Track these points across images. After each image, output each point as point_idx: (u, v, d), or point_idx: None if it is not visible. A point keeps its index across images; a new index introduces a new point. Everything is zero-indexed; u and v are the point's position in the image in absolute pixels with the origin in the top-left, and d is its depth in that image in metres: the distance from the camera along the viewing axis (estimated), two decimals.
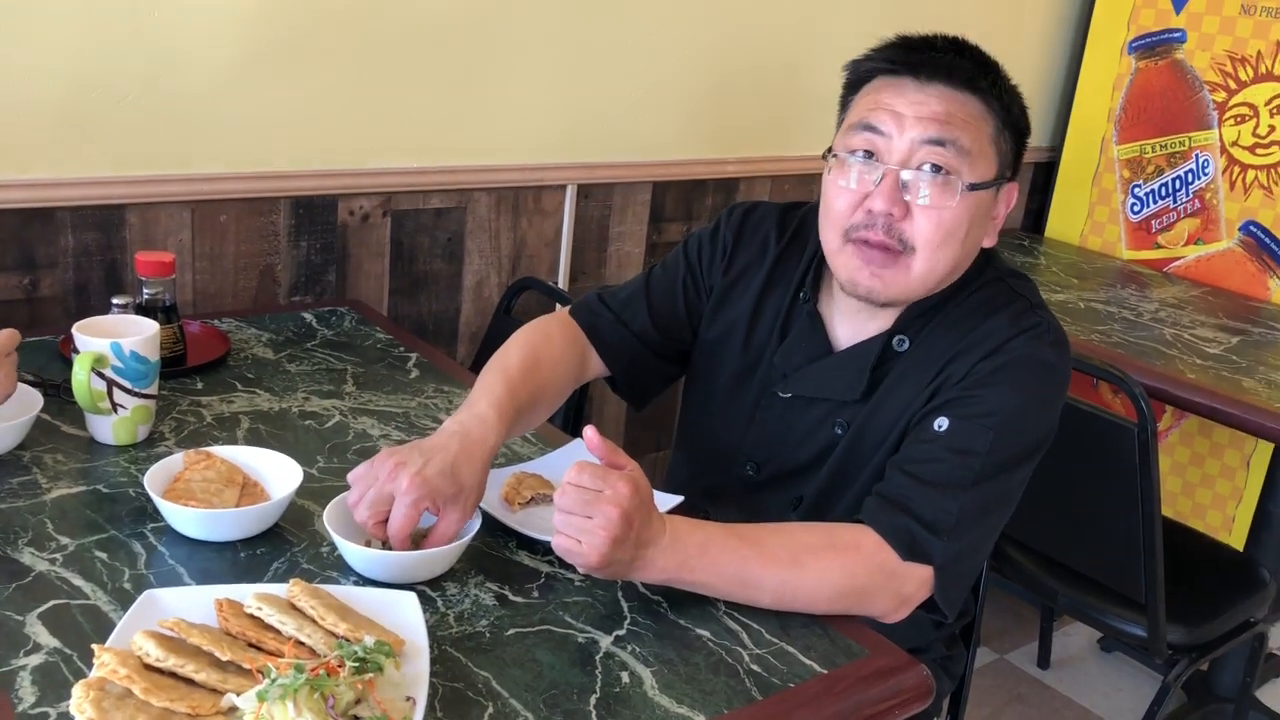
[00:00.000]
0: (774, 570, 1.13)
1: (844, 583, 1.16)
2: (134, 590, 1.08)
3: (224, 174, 1.85)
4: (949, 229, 1.24)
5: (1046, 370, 1.27)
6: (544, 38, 2.12)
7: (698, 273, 1.48)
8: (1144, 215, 2.93)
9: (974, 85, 1.24)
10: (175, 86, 1.77)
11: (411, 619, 1.05)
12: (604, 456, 1.10)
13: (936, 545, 1.19)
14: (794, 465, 1.39)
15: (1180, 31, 2.79)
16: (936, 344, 1.30)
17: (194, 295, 1.88)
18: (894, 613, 1.20)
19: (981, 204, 1.26)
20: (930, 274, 1.27)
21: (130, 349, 1.33)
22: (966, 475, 1.21)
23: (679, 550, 1.11)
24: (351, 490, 1.16)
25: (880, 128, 1.25)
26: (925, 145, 1.23)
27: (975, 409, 1.23)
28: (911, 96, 1.24)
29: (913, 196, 1.24)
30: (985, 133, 1.25)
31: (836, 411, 1.35)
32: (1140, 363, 2.15)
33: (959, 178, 1.23)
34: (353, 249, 2.03)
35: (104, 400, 1.33)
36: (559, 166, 2.22)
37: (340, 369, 1.67)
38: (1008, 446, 1.23)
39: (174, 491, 1.21)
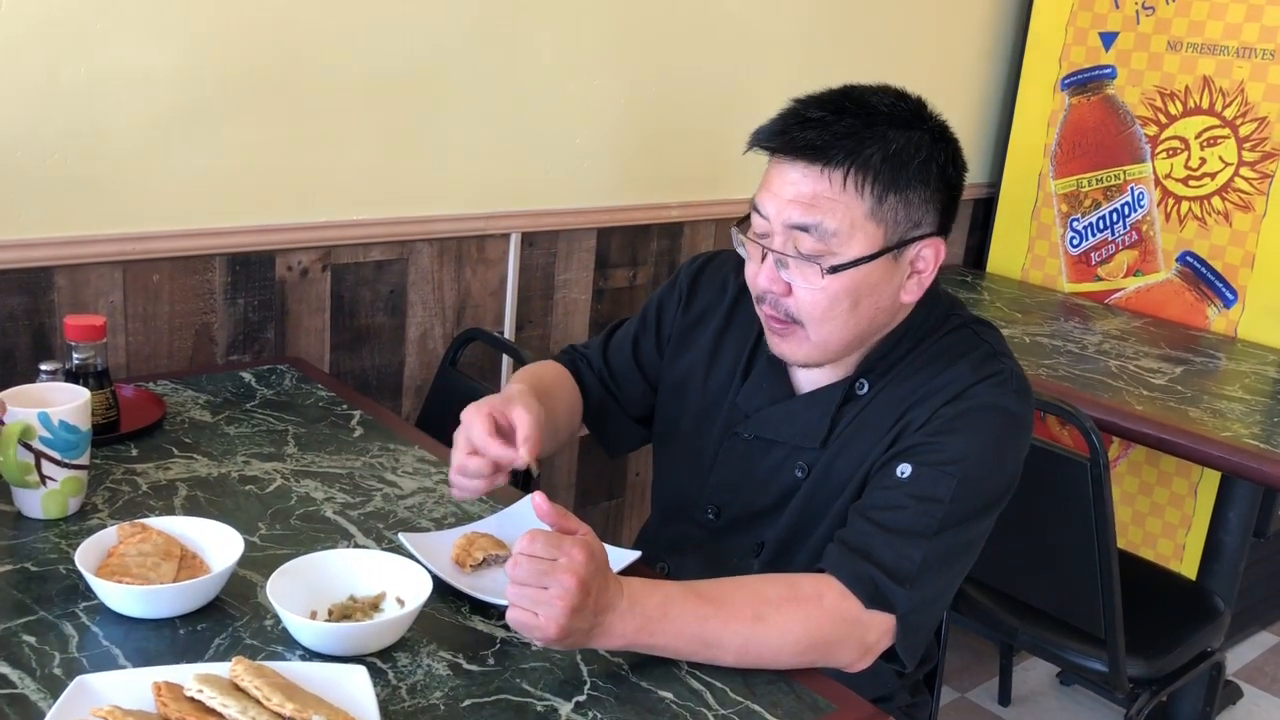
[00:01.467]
0: (735, 627, 1.11)
1: (807, 635, 1.13)
2: (65, 676, 1.02)
3: (155, 232, 1.80)
4: (825, 306, 1.23)
5: (1009, 418, 1.25)
6: (483, 86, 2.10)
7: (653, 326, 1.49)
8: (1083, 248, 2.96)
9: (840, 164, 1.19)
10: (103, 144, 1.72)
11: (361, 694, 1.00)
12: (554, 522, 1.07)
13: (899, 594, 1.17)
14: (755, 509, 1.37)
15: (1110, 68, 2.85)
16: (898, 390, 1.29)
17: (127, 358, 1.82)
18: (858, 662, 1.18)
19: (866, 275, 1.22)
20: (829, 343, 1.27)
21: (59, 418, 1.28)
22: (930, 523, 1.19)
23: (638, 613, 1.07)
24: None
25: (761, 210, 1.25)
26: (791, 230, 1.22)
27: (939, 455, 1.22)
28: (785, 176, 1.22)
29: (789, 275, 1.24)
30: (857, 211, 1.20)
31: (797, 455, 1.33)
32: (1088, 395, 2.16)
33: (822, 260, 1.21)
34: (292, 305, 1.98)
35: (32, 473, 1.27)
36: (502, 215, 2.19)
37: (281, 430, 1.62)
38: (971, 495, 1.21)
39: (107, 567, 1.15)
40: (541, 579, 1.02)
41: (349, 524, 1.36)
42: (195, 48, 1.77)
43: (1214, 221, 2.71)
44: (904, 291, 1.27)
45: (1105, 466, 1.77)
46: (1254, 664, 2.87)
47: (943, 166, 1.23)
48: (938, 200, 1.24)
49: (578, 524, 1.08)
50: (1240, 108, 2.63)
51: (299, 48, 1.87)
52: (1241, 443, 1.95)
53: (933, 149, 1.22)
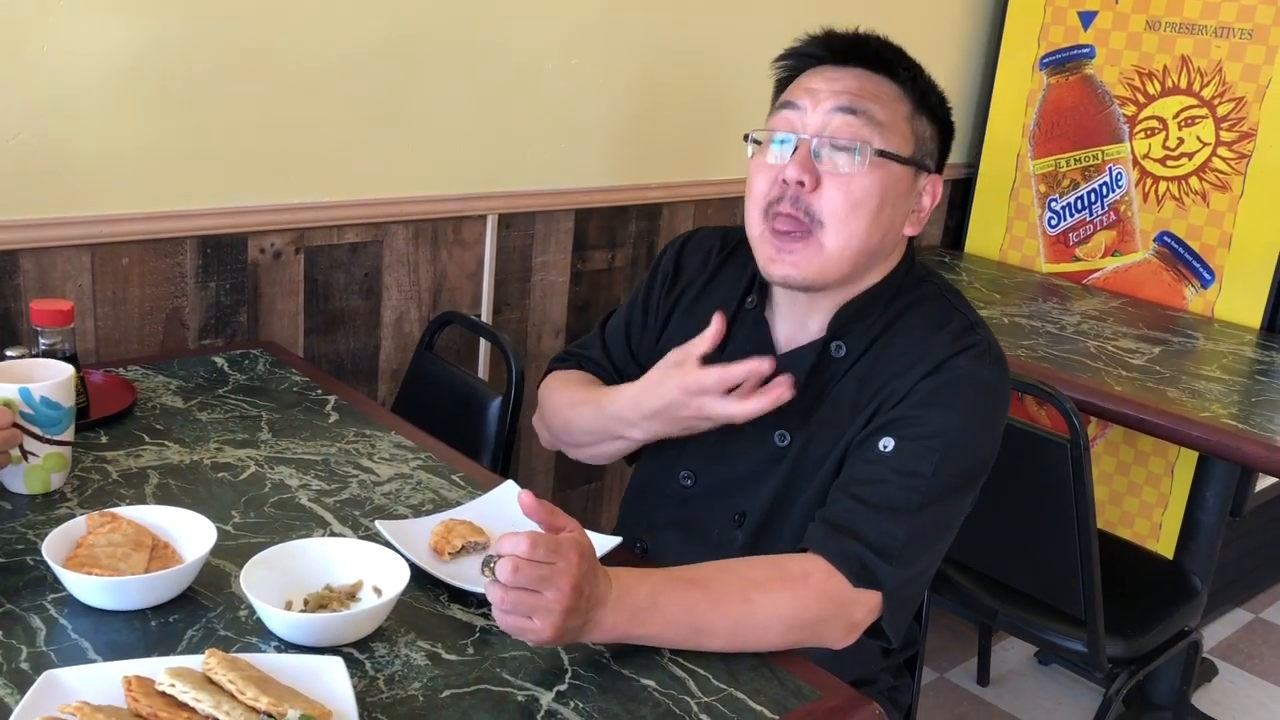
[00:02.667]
0: (724, 610, 1.10)
1: (794, 616, 1.13)
2: (32, 671, 1.00)
3: (124, 214, 1.76)
4: (857, 199, 1.23)
5: (988, 390, 1.26)
6: (460, 65, 2.07)
7: (640, 311, 1.50)
8: (1061, 228, 2.96)
9: (891, 70, 1.27)
10: (68, 125, 1.68)
11: (338, 686, 0.98)
12: (543, 520, 1.04)
13: (885, 571, 1.17)
14: (733, 476, 1.36)
15: (1089, 47, 2.84)
16: (879, 363, 1.29)
17: (96, 343, 1.78)
18: (843, 639, 1.18)
19: (896, 180, 1.25)
20: (844, 249, 1.25)
21: (40, 394, 1.27)
22: (913, 498, 1.19)
23: (627, 605, 1.06)
24: None
25: (797, 103, 1.27)
26: (837, 114, 1.24)
27: (920, 429, 1.22)
28: (828, 75, 1.27)
29: (824, 167, 1.24)
30: (900, 111, 1.26)
31: (777, 421, 1.32)
32: (1067, 376, 2.16)
33: (868, 144, 1.23)
34: (264, 288, 1.95)
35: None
36: (479, 196, 2.16)
37: (254, 415, 1.59)
38: (953, 468, 1.22)
39: (76, 558, 1.13)
40: (541, 584, 0.99)
41: (324, 511, 1.34)
42: (164, 25, 1.73)
43: (1191, 202, 2.71)
44: (908, 223, 1.30)
45: (1085, 447, 1.77)
46: (1228, 641, 2.89)
47: (948, 112, 1.32)
48: (939, 140, 1.31)
49: (566, 520, 1.05)
50: (1218, 87, 2.63)
51: (272, 24, 1.83)
52: (1220, 423, 1.96)
53: (941, 95, 1.31)
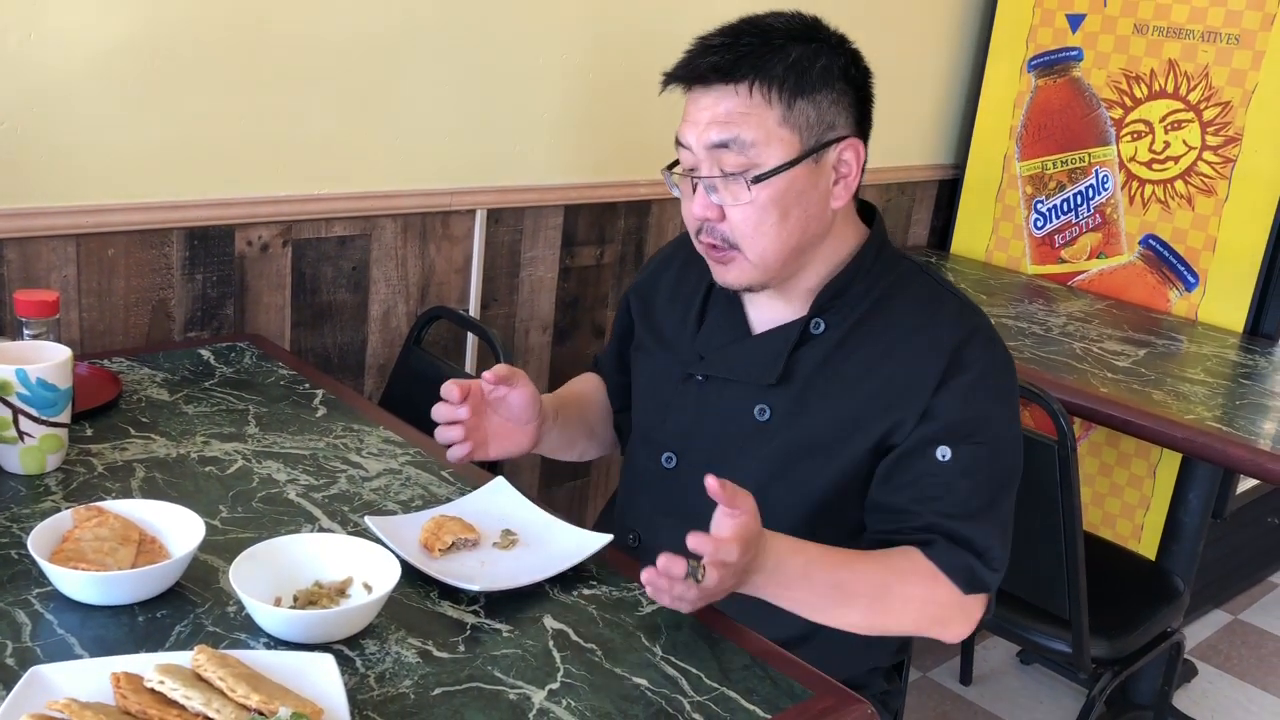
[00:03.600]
0: (865, 591, 1.23)
1: (927, 610, 1.26)
2: (18, 667, 0.99)
3: (111, 204, 1.74)
4: (756, 220, 1.26)
5: (1008, 371, 1.33)
6: (449, 58, 2.06)
7: (624, 317, 1.58)
8: (1047, 230, 2.97)
9: (744, 77, 1.24)
10: (54, 114, 1.66)
11: (329, 684, 0.98)
12: (727, 502, 1.09)
13: (991, 577, 1.27)
14: (715, 455, 1.37)
15: (1077, 50, 2.85)
16: (869, 339, 1.31)
17: (81, 334, 1.77)
18: (964, 635, 1.30)
19: (790, 183, 1.26)
20: (765, 259, 1.28)
21: (37, 375, 1.28)
22: (985, 498, 1.27)
23: (781, 574, 1.17)
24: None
25: (684, 141, 1.30)
26: (712, 151, 1.26)
27: (968, 430, 1.27)
28: (700, 104, 1.27)
29: (719, 198, 1.28)
30: (770, 119, 1.24)
31: (755, 395, 1.35)
32: (1053, 377, 2.16)
33: (747, 173, 1.25)
34: (251, 281, 1.94)
35: (9, 429, 1.28)
36: (467, 191, 2.15)
37: (241, 409, 1.58)
38: (1004, 456, 1.30)
39: (62, 553, 1.11)
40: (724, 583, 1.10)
41: (313, 507, 1.33)
42: (152, 14, 1.71)
43: (1177, 205, 2.73)
44: (833, 198, 1.30)
45: (1073, 449, 1.77)
46: (1208, 642, 2.91)
47: (844, 69, 1.28)
48: (846, 102, 1.28)
49: (745, 500, 1.10)
50: (1204, 92, 2.65)
51: (259, 15, 1.81)
52: (1205, 425, 1.97)
53: (832, 55, 1.27)
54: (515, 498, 1.36)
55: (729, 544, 1.07)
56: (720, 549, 1.07)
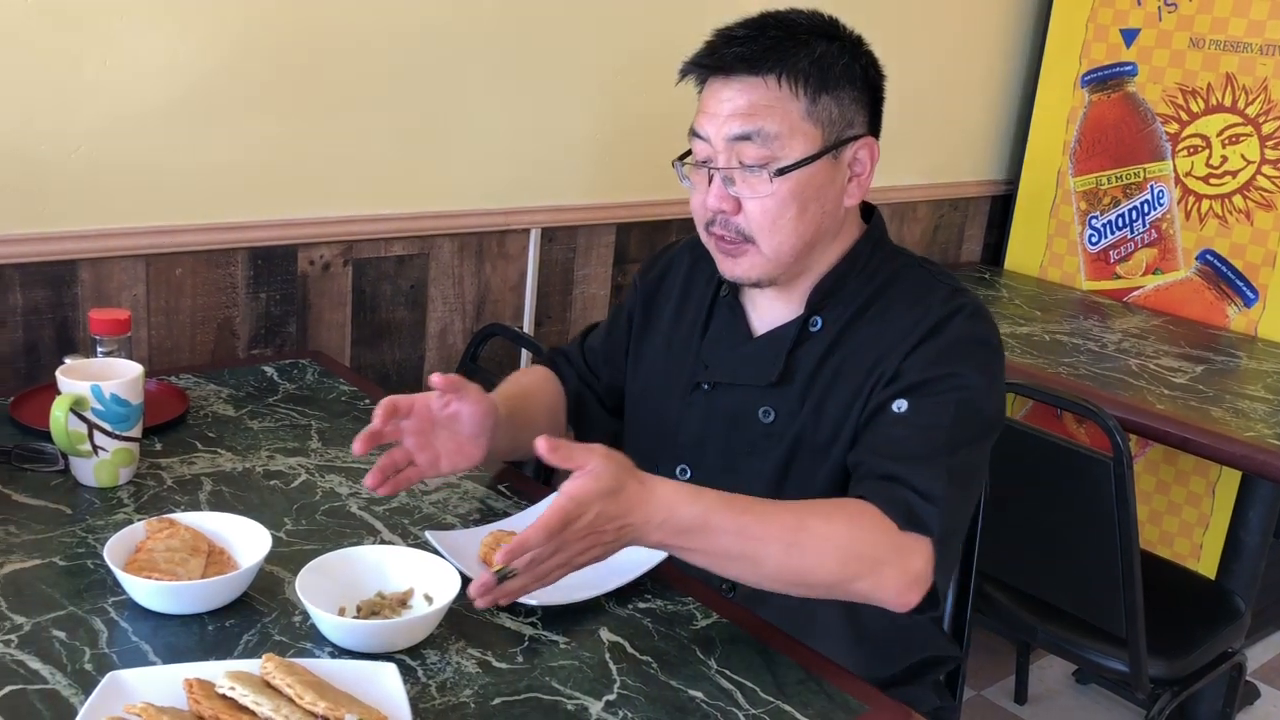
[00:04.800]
0: (776, 534, 1.12)
1: (852, 545, 1.14)
2: (96, 671, 1.02)
3: (179, 226, 1.80)
4: (775, 213, 1.27)
5: (988, 345, 1.30)
6: (503, 83, 2.09)
7: (624, 316, 1.56)
8: (1102, 246, 2.95)
9: (771, 69, 1.25)
10: (126, 139, 1.72)
11: (392, 692, 1.00)
12: (560, 462, 1.07)
13: (932, 514, 1.18)
14: (726, 460, 1.38)
15: (1131, 65, 2.83)
16: (866, 333, 1.31)
17: (150, 352, 1.82)
18: (903, 592, 1.16)
19: (810, 178, 1.27)
20: (780, 253, 1.29)
21: (111, 391, 1.33)
22: (939, 446, 1.21)
23: (671, 526, 1.09)
24: None
25: (701, 132, 1.29)
26: (733, 143, 1.26)
27: (931, 387, 1.24)
28: (720, 95, 1.27)
29: (737, 189, 1.28)
30: (794, 112, 1.25)
31: (759, 397, 1.35)
32: (1108, 394, 2.15)
33: (768, 166, 1.25)
34: (313, 299, 1.98)
35: (84, 442, 1.33)
36: (522, 210, 2.19)
37: (304, 424, 1.62)
38: (969, 418, 1.24)
39: (136, 563, 1.15)
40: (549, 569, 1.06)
41: (374, 519, 1.36)
42: (218, 43, 1.77)
43: (1235, 220, 2.69)
44: (846, 195, 1.31)
45: (1129, 465, 1.76)
46: (1271, 664, 2.86)
47: (865, 69, 1.30)
48: (865, 101, 1.30)
49: (585, 458, 1.06)
50: (1263, 105, 2.62)
51: (321, 42, 1.86)
52: (1265, 443, 1.94)
53: (853, 53, 1.29)
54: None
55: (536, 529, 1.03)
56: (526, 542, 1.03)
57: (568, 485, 1.05)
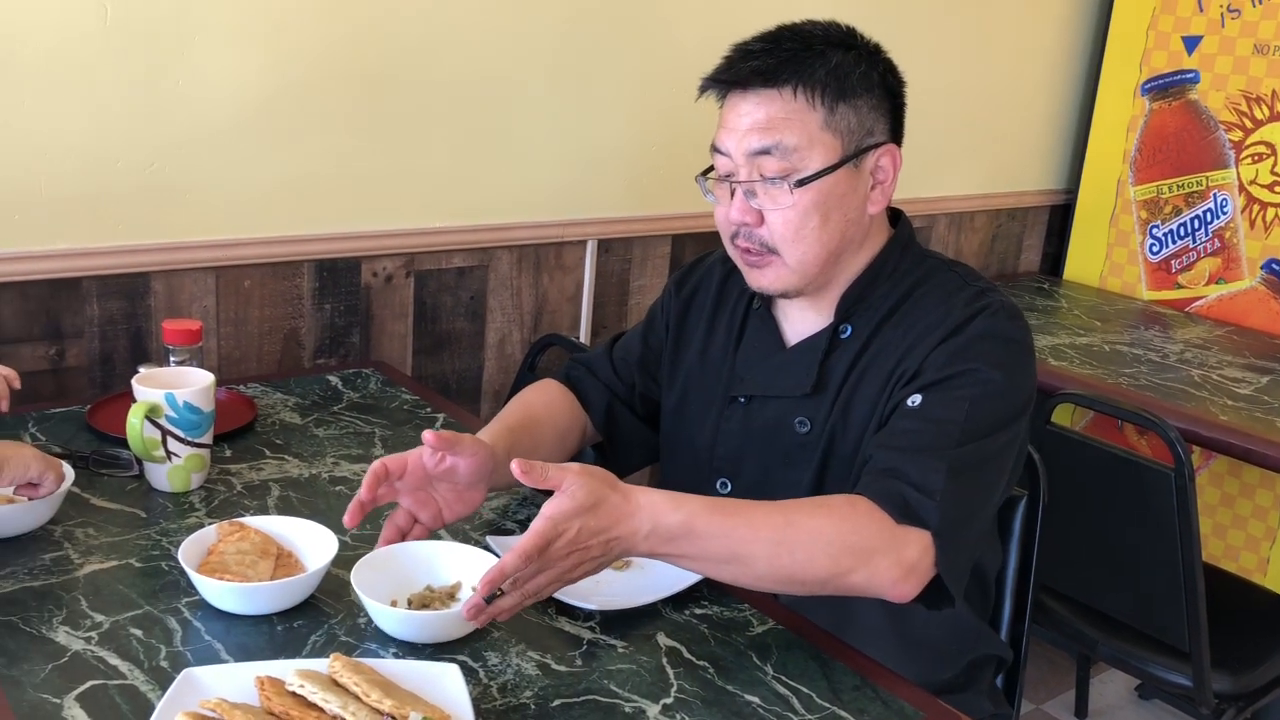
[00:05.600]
0: (764, 534, 1.12)
1: (840, 538, 1.13)
2: (171, 668, 1.06)
3: (247, 239, 1.85)
4: (797, 224, 1.27)
5: (1008, 340, 1.28)
6: (561, 96, 2.13)
7: (660, 327, 1.55)
8: (1163, 255, 2.92)
9: (787, 81, 1.26)
10: (197, 155, 1.78)
11: (455, 692, 1.03)
12: (536, 483, 1.08)
13: (929, 507, 1.16)
14: (764, 473, 1.38)
15: (1193, 72, 2.80)
16: (891, 335, 1.31)
17: (219, 361, 1.87)
18: (901, 582, 1.15)
19: (831, 187, 1.27)
20: (805, 263, 1.29)
21: (184, 399, 1.38)
22: (947, 440, 1.20)
23: (659, 534, 1.10)
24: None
25: (721, 148, 1.31)
26: (753, 158, 1.27)
27: (947, 383, 1.24)
28: (739, 109, 1.29)
29: (758, 202, 1.29)
30: (812, 123, 1.26)
31: (793, 408, 1.35)
32: (1170, 405, 2.12)
33: (789, 178, 1.26)
34: (376, 310, 2.03)
35: (158, 449, 1.38)
36: (579, 222, 2.22)
37: (368, 432, 1.66)
38: (983, 415, 1.22)
39: (208, 565, 1.19)
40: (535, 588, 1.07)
41: None
42: (285, 63, 1.82)
43: None
44: (870, 203, 1.31)
45: (1190, 477, 1.74)
46: None
47: (883, 75, 1.30)
48: (884, 108, 1.30)
49: (558, 475, 1.07)
50: None
51: (384, 60, 1.91)
52: None
53: (870, 62, 1.29)
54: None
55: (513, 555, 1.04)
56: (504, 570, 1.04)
57: (546, 506, 1.06)
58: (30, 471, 1.22)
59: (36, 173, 1.65)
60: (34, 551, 1.25)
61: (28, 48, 1.60)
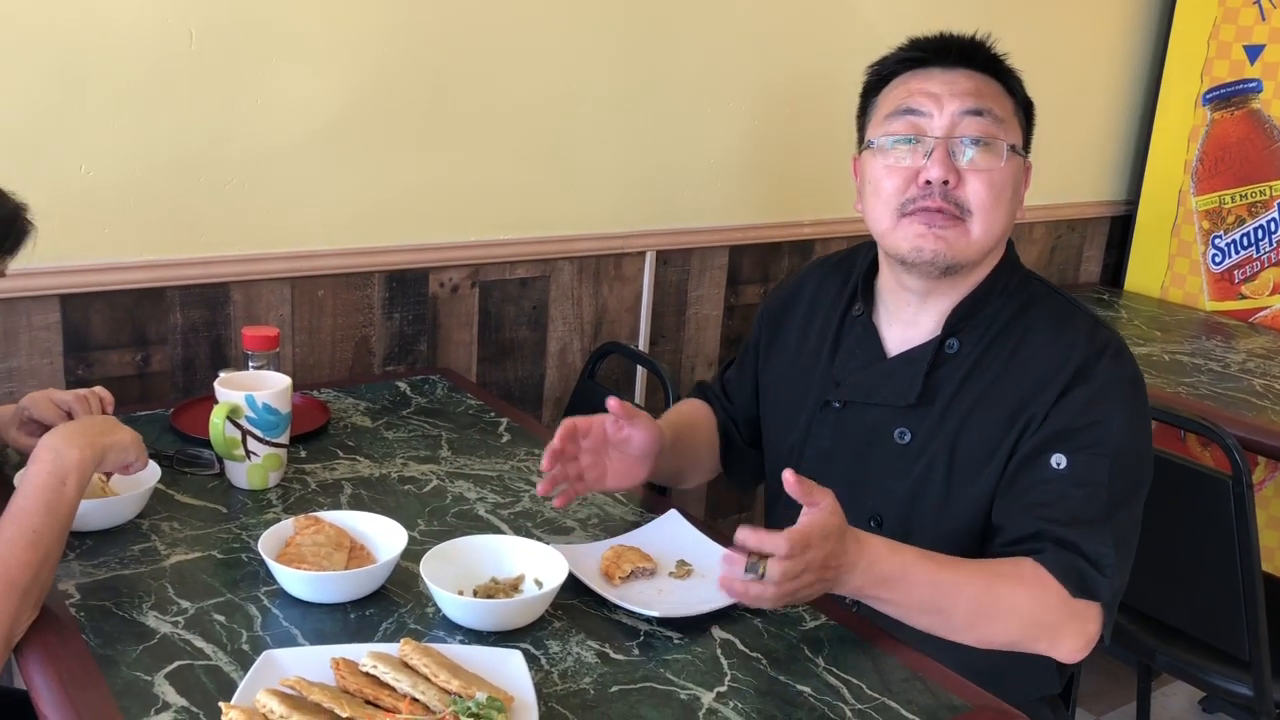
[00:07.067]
0: (967, 592, 1.18)
1: (1034, 613, 1.20)
2: (252, 651, 1.13)
3: (321, 250, 1.93)
4: (999, 190, 1.30)
5: (1135, 386, 1.31)
6: (621, 111, 2.19)
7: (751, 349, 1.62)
8: (1226, 266, 2.89)
9: (991, 68, 1.34)
10: (274, 170, 1.86)
11: (518, 676, 1.08)
12: (802, 497, 1.13)
13: (1102, 582, 1.22)
14: (855, 479, 1.39)
15: (1256, 81, 2.78)
16: (1015, 364, 1.32)
17: (294, 368, 1.95)
18: (1079, 651, 1.23)
19: (1018, 170, 1.33)
20: (987, 235, 1.31)
21: (263, 401, 1.45)
22: (1100, 508, 1.24)
23: (875, 573, 1.15)
24: None
25: (920, 109, 1.32)
26: (966, 117, 1.30)
27: (1087, 439, 1.27)
28: (941, 79, 1.33)
29: (962, 164, 1.30)
30: (1009, 107, 1.34)
31: (895, 418, 1.37)
32: (1231, 414, 2.12)
33: (1001, 140, 1.30)
34: (443, 319, 2.10)
35: (238, 448, 1.45)
36: (638, 234, 2.27)
37: (435, 435, 1.72)
38: (1125, 469, 1.27)
39: (286, 555, 1.25)
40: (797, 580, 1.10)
41: (500, 522, 1.45)
42: (356, 81, 1.90)
43: None
44: (1018, 208, 1.36)
45: (1248, 484, 1.74)
46: None
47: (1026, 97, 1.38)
48: (1028, 130, 1.38)
49: (822, 495, 1.13)
50: None
51: (452, 80, 1.98)
52: None
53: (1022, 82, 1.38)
54: (689, 530, 1.43)
55: (780, 539, 1.08)
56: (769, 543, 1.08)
57: (807, 515, 1.11)
58: (129, 455, 1.30)
59: (125, 188, 1.75)
60: (124, 543, 1.33)
61: (118, 70, 1.70)
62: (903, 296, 1.39)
